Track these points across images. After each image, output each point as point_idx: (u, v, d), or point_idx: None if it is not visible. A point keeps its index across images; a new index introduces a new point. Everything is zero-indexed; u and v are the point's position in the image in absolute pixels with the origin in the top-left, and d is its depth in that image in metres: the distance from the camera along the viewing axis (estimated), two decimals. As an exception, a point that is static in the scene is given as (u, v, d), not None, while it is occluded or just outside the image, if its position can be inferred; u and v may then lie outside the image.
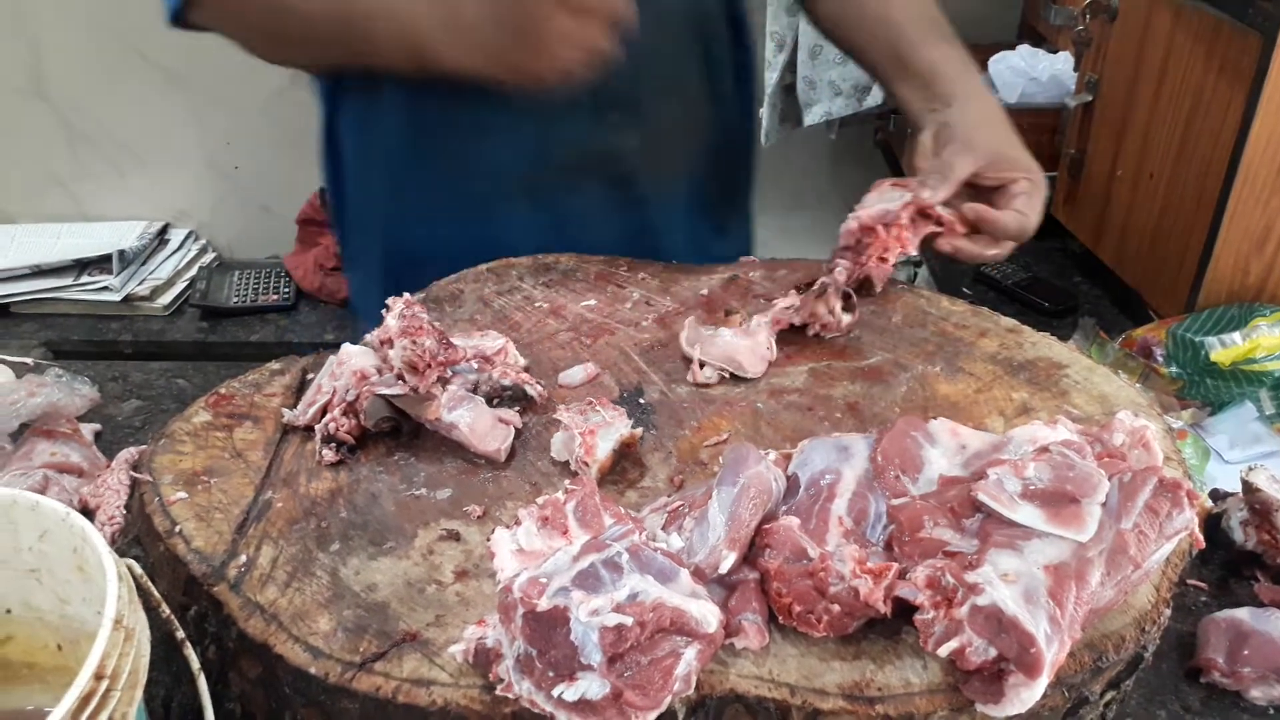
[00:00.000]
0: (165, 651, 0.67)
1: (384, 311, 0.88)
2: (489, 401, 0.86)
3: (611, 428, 0.80)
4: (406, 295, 0.90)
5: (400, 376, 0.82)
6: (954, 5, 2.27)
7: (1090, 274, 1.75)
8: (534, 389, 0.88)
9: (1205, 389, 1.26)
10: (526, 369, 0.91)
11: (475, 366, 0.88)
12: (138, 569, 0.63)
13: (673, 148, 1.22)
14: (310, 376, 0.89)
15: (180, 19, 1.06)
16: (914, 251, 1.00)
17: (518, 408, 0.86)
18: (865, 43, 1.17)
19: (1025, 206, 1.01)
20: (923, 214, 1.00)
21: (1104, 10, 1.53)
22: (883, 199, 1.01)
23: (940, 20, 1.15)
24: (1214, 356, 1.23)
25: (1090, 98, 1.60)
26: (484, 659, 0.62)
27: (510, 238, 1.14)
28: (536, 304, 1.03)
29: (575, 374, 0.92)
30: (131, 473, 0.86)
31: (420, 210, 1.20)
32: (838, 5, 1.21)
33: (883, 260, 1.00)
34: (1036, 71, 1.88)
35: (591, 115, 1.13)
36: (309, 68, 1.14)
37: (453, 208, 1.18)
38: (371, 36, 1.01)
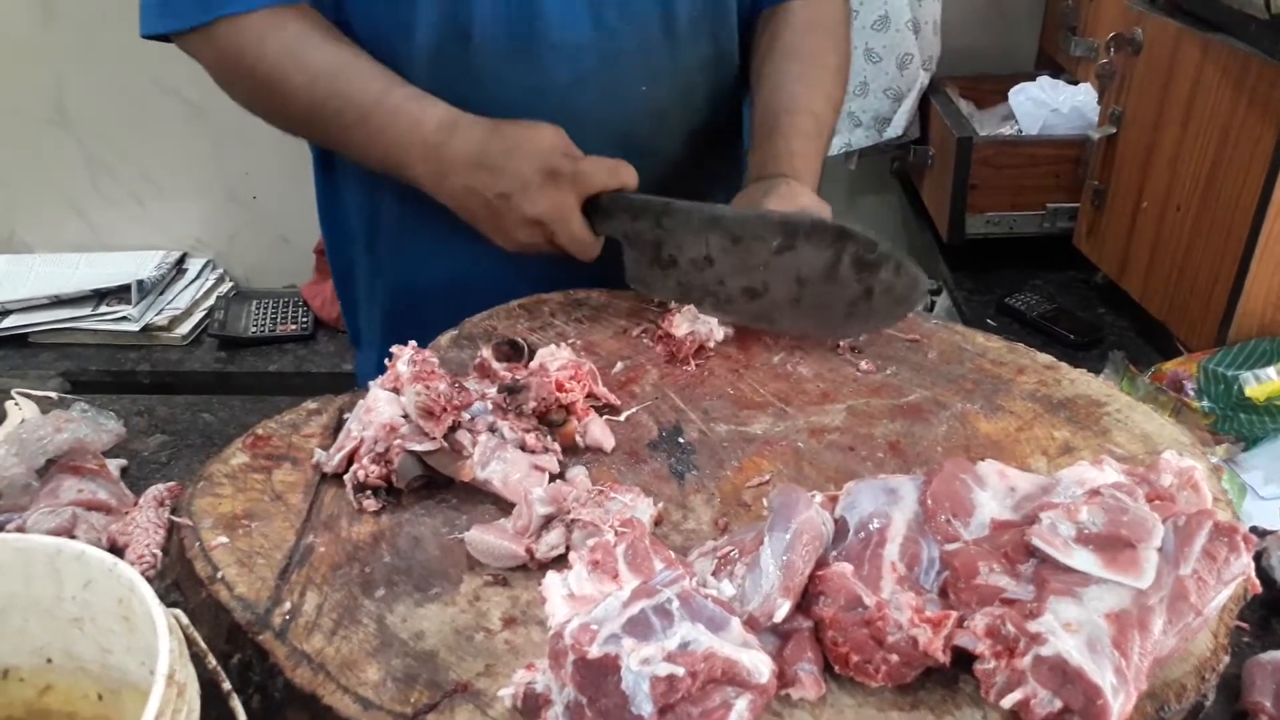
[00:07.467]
0: (207, 700, 0.66)
1: (387, 360, 0.88)
2: (522, 446, 0.84)
3: (635, 510, 0.76)
4: (413, 342, 0.90)
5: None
6: (971, 36, 2.32)
7: (1114, 306, 1.74)
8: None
9: (1239, 424, 1.25)
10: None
11: (489, 407, 0.87)
12: (184, 619, 0.62)
13: (680, 184, 1.22)
14: (346, 416, 0.89)
15: (162, 36, 1.09)
16: None
17: (556, 447, 0.85)
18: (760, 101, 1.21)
19: None
20: None
21: (1128, 44, 1.53)
22: None
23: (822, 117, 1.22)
24: (1248, 391, 1.22)
25: (1114, 130, 1.60)
26: (533, 704, 0.61)
27: (518, 274, 1.14)
28: (569, 340, 1.03)
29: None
30: (171, 516, 0.85)
31: (427, 254, 1.22)
32: (761, 63, 1.23)
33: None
34: (1057, 103, 1.88)
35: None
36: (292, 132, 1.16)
37: (465, 252, 1.18)
38: (365, 149, 1.08)
